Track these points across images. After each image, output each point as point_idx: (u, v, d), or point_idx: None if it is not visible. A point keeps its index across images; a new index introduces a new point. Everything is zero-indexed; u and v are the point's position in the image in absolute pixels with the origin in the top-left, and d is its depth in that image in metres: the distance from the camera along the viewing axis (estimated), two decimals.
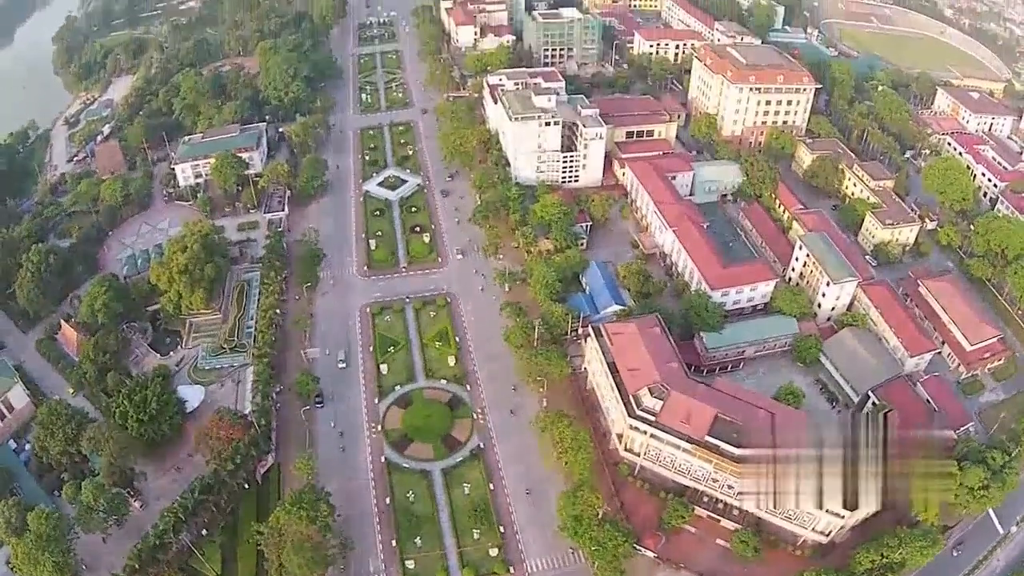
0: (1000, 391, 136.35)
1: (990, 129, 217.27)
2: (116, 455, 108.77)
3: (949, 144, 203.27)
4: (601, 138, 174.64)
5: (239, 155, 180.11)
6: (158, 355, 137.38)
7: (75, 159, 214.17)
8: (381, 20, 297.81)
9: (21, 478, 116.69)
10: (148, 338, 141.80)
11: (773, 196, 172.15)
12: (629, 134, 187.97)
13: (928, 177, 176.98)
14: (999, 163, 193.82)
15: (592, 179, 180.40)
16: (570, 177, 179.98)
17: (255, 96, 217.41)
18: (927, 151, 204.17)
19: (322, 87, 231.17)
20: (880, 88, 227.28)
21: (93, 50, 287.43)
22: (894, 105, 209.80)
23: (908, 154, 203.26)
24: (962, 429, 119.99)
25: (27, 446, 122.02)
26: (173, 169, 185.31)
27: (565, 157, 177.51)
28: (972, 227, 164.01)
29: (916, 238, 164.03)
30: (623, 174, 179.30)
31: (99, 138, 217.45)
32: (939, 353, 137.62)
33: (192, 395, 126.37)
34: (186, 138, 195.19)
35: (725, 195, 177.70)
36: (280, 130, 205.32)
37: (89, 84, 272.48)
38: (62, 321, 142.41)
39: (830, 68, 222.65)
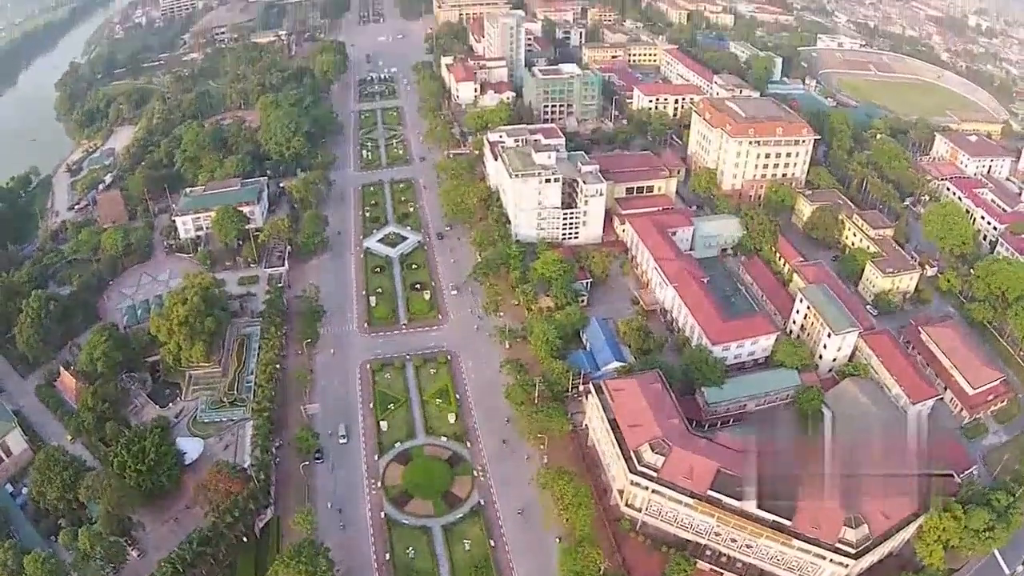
0: (1003, 433, 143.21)
1: (989, 171, 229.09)
2: (114, 504, 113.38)
3: (948, 189, 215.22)
4: (601, 195, 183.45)
5: (240, 209, 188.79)
6: (157, 406, 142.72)
7: (76, 207, 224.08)
8: (382, 76, 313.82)
9: (17, 522, 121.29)
10: (147, 389, 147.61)
11: (773, 249, 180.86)
12: (629, 190, 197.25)
13: (928, 223, 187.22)
14: (998, 205, 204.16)
15: (592, 236, 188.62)
16: (570, 234, 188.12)
17: (256, 150, 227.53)
18: (926, 197, 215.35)
19: (323, 143, 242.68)
20: (879, 136, 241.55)
21: (96, 98, 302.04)
22: (893, 153, 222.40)
23: (907, 201, 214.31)
24: (966, 473, 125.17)
25: (24, 490, 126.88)
26: (174, 221, 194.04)
27: (565, 214, 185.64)
28: (972, 271, 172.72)
29: (917, 285, 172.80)
30: (623, 230, 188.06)
31: (100, 187, 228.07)
32: (941, 399, 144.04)
33: (191, 447, 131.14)
34: (187, 190, 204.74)
35: (725, 249, 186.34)
36: (281, 185, 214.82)
37: (91, 132, 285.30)
38: (61, 368, 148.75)
39: (829, 118, 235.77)
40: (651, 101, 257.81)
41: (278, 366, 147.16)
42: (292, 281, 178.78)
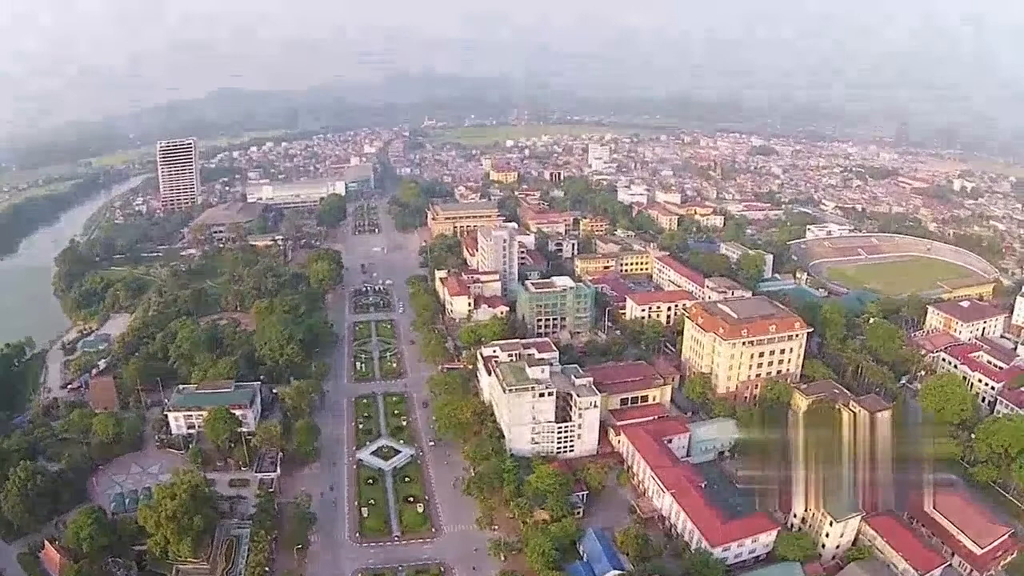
0: None
1: (983, 333, 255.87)
2: None
3: (944, 359, 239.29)
4: (595, 407, 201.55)
5: (232, 411, 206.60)
6: None
7: (70, 387, 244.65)
8: (377, 287, 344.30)
9: None
10: None
11: None
12: (624, 401, 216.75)
13: (925, 398, 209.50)
14: (994, 365, 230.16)
15: (588, 448, 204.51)
16: (565, 447, 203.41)
17: (250, 353, 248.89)
18: (923, 372, 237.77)
19: (317, 352, 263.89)
20: (872, 320, 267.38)
21: (94, 280, 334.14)
22: (886, 334, 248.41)
23: (903, 380, 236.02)
24: None
25: None
26: (166, 415, 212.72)
27: (560, 428, 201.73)
28: (973, 435, 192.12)
29: None
30: (619, 441, 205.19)
31: (94, 371, 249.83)
32: (950, 565, 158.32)
33: None
34: (180, 387, 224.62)
35: (722, 452, 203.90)
36: (274, 391, 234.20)
37: (88, 314, 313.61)
38: (46, 541, 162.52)
39: (821, 310, 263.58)
40: (644, 310, 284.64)
41: (267, 569, 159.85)
42: (284, 487, 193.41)
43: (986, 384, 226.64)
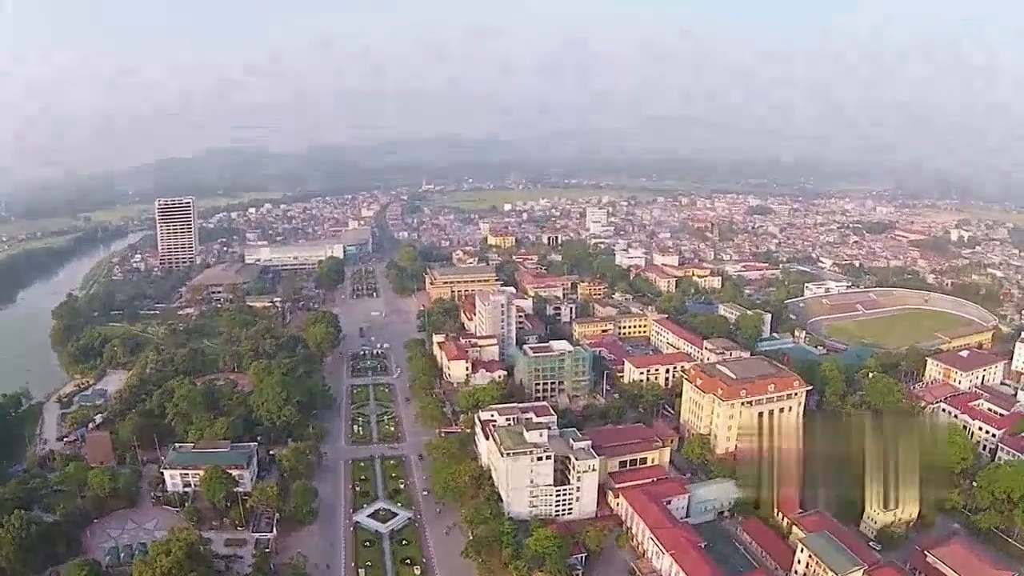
0: None
1: (983, 381, 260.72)
2: None
3: (943, 410, 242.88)
4: (594, 470, 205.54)
5: (229, 471, 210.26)
6: None
7: (66, 439, 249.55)
8: (375, 351, 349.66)
9: None
10: None
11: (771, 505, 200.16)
12: (622, 463, 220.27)
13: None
14: (994, 412, 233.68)
15: (586, 511, 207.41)
16: (564, 510, 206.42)
17: (248, 414, 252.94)
18: None
19: (314, 414, 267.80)
20: (871, 375, 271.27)
21: (91, 336, 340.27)
22: (886, 388, 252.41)
23: None
24: None
25: None
26: (162, 473, 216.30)
27: (558, 491, 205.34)
28: (974, 483, 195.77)
29: (920, 511, 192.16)
30: (617, 503, 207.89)
31: (91, 425, 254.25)
32: None
33: None
34: (177, 445, 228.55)
35: (722, 512, 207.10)
36: (271, 452, 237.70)
37: (85, 368, 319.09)
38: None
39: (819, 367, 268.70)
40: (642, 373, 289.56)
41: None
42: (280, 548, 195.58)
43: (987, 432, 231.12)
